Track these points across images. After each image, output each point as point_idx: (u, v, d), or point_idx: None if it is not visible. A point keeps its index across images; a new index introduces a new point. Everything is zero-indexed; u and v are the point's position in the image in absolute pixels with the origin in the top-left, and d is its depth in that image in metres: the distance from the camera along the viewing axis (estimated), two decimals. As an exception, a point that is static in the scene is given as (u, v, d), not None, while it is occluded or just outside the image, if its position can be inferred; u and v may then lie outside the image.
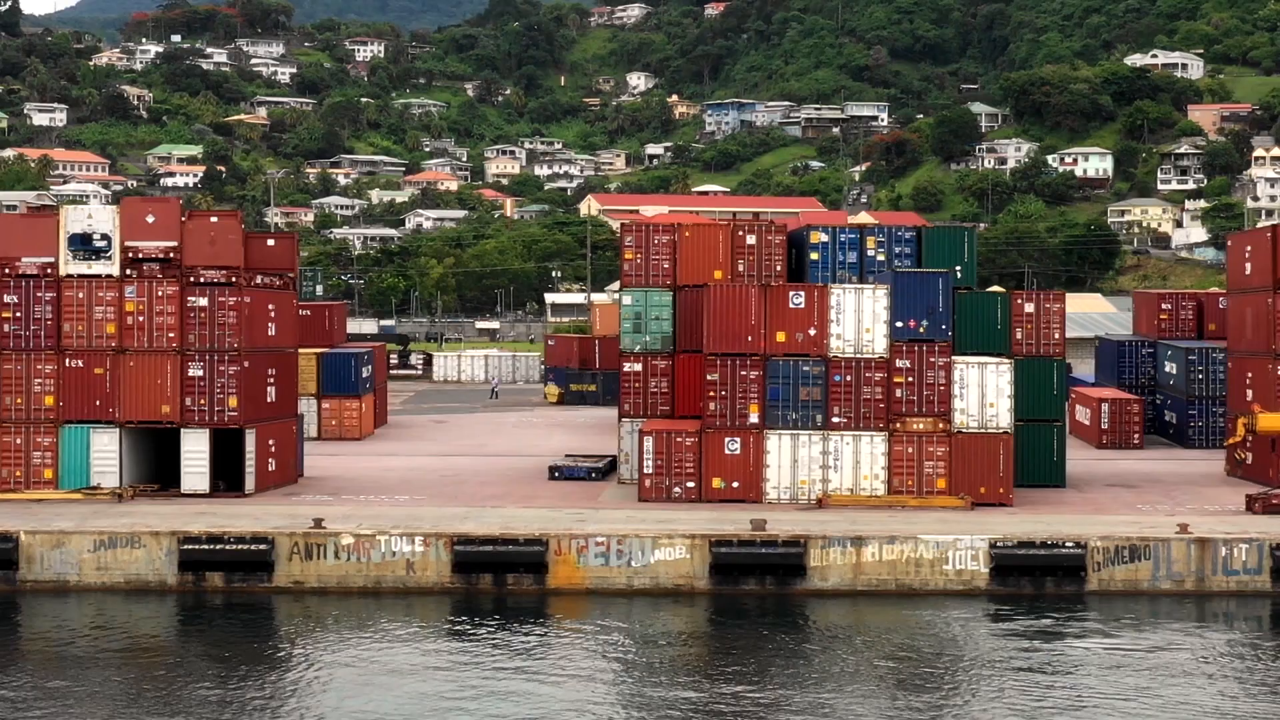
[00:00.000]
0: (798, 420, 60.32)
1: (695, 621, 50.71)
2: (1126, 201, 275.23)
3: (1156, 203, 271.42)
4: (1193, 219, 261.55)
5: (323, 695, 41.37)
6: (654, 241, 67.39)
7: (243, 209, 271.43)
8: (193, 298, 61.20)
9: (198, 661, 45.51)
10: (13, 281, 61.34)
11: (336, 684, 42.32)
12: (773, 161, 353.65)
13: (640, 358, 67.05)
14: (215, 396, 61.12)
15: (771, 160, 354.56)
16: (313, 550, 52.63)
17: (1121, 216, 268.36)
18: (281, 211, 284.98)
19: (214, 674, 43.79)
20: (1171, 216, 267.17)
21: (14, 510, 57.34)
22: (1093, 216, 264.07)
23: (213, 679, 43.23)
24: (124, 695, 41.60)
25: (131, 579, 52.61)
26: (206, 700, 40.92)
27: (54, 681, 42.95)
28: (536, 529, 53.49)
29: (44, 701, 40.85)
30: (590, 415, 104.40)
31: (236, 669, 44.29)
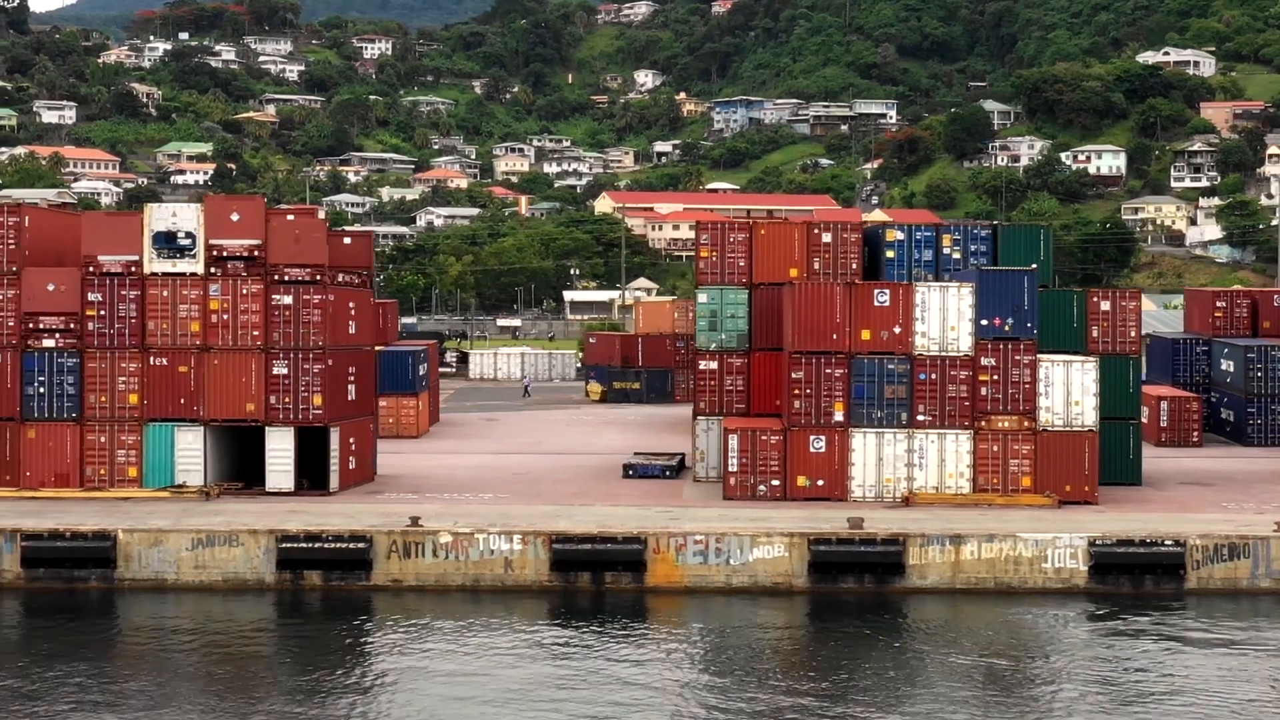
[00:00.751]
0: (883, 418, 60.38)
1: (794, 620, 50.81)
2: (1140, 199, 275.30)
3: (1170, 200, 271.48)
4: (1207, 216, 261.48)
5: (422, 693, 41.30)
6: (729, 240, 67.51)
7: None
8: (277, 296, 61.19)
9: (296, 660, 45.55)
10: (97, 280, 61.31)
11: (438, 682, 42.29)
12: (781, 159, 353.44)
13: (716, 355, 67.11)
14: (300, 395, 61.13)
15: (780, 158, 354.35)
16: (411, 549, 52.67)
17: (1135, 214, 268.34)
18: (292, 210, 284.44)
19: (313, 672, 43.86)
20: (1185, 214, 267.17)
21: (105, 508, 57.36)
22: (1106, 214, 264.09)
23: (311, 678, 43.33)
24: (224, 693, 41.68)
25: (229, 577, 52.64)
26: (305, 699, 40.96)
27: (154, 679, 43.00)
28: (634, 527, 53.56)
29: (145, 698, 40.85)
30: (639, 413, 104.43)
31: (336, 668, 44.40)
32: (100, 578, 52.78)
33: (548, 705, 40.30)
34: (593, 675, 43.17)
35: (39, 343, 61.35)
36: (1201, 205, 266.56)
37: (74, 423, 61.23)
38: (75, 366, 61.21)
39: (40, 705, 40.24)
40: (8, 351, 61.32)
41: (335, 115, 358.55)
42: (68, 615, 50.76)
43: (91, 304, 61.26)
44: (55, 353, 61.32)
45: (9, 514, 55.24)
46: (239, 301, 61.12)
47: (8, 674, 43.40)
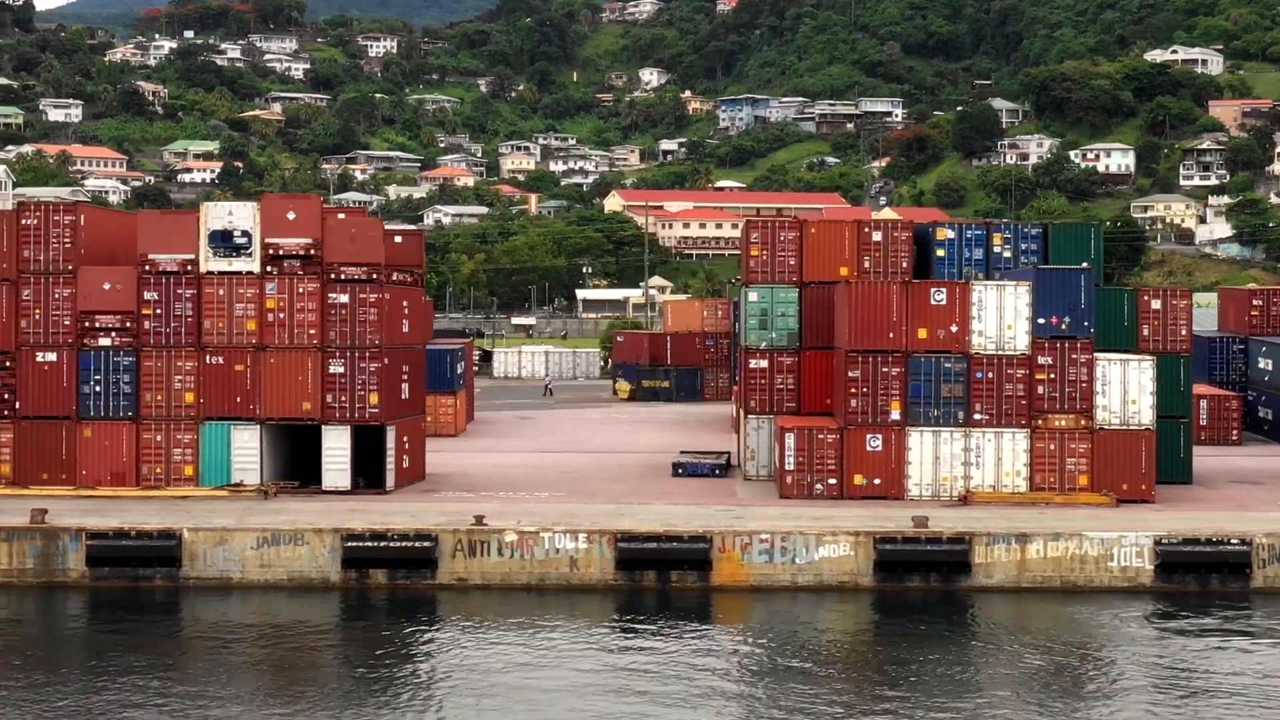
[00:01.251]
0: (939, 417, 60.42)
1: (860, 618, 50.84)
2: (1149, 197, 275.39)
3: (1179, 198, 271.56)
4: (1216, 215, 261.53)
5: (488, 692, 41.26)
6: (780, 238, 67.50)
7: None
8: (333, 294, 61.15)
9: (362, 659, 45.48)
10: (153, 278, 61.30)
11: (504, 681, 42.24)
12: (787, 157, 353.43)
13: (766, 354, 67.10)
14: (356, 393, 61.11)
15: (786, 156, 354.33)
16: (476, 547, 52.65)
17: (1145, 212, 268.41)
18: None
19: (379, 671, 43.85)
20: (1195, 212, 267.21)
21: (165, 507, 57.35)
22: (1116, 213, 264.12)
23: (378, 676, 43.32)
24: (291, 691, 41.68)
25: (294, 576, 52.61)
26: (371, 697, 40.98)
27: (220, 677, 43.00)
28: (699, 526, 53.55)
29: (210, 696, 40.84)
30: (671, 411, 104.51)
31: (403, 666, 44.43)
32: (165, 576, 52.75)
33: (614, 703, 40.22)
34: (658, 673, 43.15)
35: (95, 341, 61.35)
36: (1211, 203, 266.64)
37: (130, 421, 61.23)
38: (131, 365, 61.21)
39: (105, 702, 40.19)
40: (64, 350, 61.33)
41: (341, 113, 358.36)
42: (133, 614, 50.77)
43: (147, 303, 61.27)
44: (111, 351, 61.32)
45: (71, 512, 55.21)
46: (295, 300, 61.10)
47: (74, 672, 43.37)
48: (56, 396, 61.31)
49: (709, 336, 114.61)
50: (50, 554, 52.81)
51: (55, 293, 61.31)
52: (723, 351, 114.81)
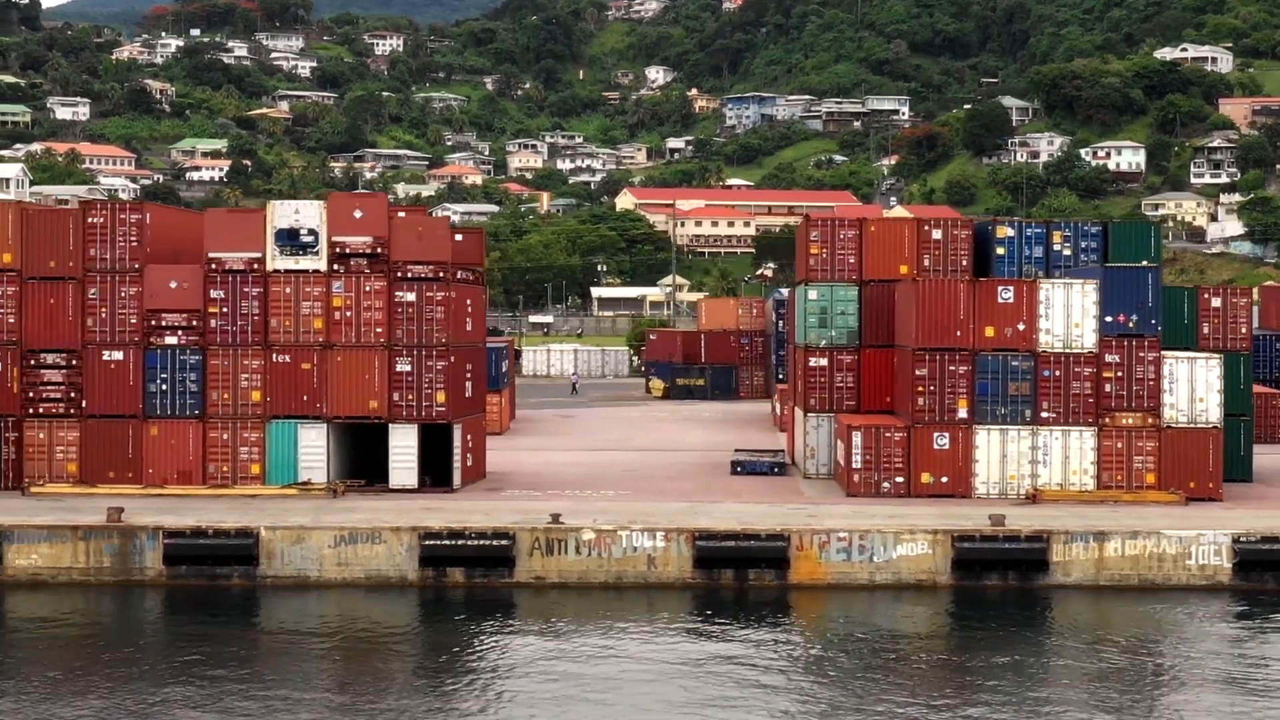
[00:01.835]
0: (1006, 415, 60.47)
1: (938, 616, 50.84)
2: (1160, 195, 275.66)
3: (1190, 197, 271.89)
4: (1228, 213, 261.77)
5: (567, 692, 41.24)
6: (839, 236, 67.52)
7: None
8: (400, 293, 61.14)
9: (442, 657, 45.46)
10: (219, 277, 61.29)
11: (585, 680, 42.23)
12: (794, 155, 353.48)
13: (825, 352, 67.12)
14: (423, 392, 61.10)
15: (793, 154, 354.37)
16: (554, 545, 52.67)
17: (1156, 210, 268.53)
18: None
19: (458, 669, 43.86)
20: (1206, 211, 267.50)
21: (236, 505, 57.36)
22: (1127, 210, 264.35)
23: (457, 674, 43.33)
24: (369, 689, 41.64)
25: (372, 575, 52.61)
26: (451, 695, 40.97)
27: (300, 675, 43.05)
28: (776, 524, 53.60)
29: (288, 695, 40.82)
30: (710, 409, 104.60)
31: (482, 664, 44.39)
32: (242, 575, 52.75)
33: (691, 702, 40.20)
34: (737, 672, 43.15)
35: (161, 340, 61.34)
36: (1222, 201, 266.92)
37: (196, 420, 61.20)
38: (198, 364, 61.21)
39: (184, 700, 40.20)
40: (130, 349, 61.33)
41: (348, 112, 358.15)
42: (211, 612, 50.72)
43: (214, 301, 61.27)
44: (178, 350, 61.32)
45: (144, 511, 55.19)
46: (361, 298, 61.10)
47: (152, 670, 43.40)
48: (123, 395, 61.30)
49: (744, 335, 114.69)
50: (127, 552, 52.81)
51: (121, 291, 61.29)
52: (758, 350, 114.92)
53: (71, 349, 61.44)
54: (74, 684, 41.61)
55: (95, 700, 40.08)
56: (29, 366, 61.47)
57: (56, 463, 61.32)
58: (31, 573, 52.78)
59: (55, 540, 52.89)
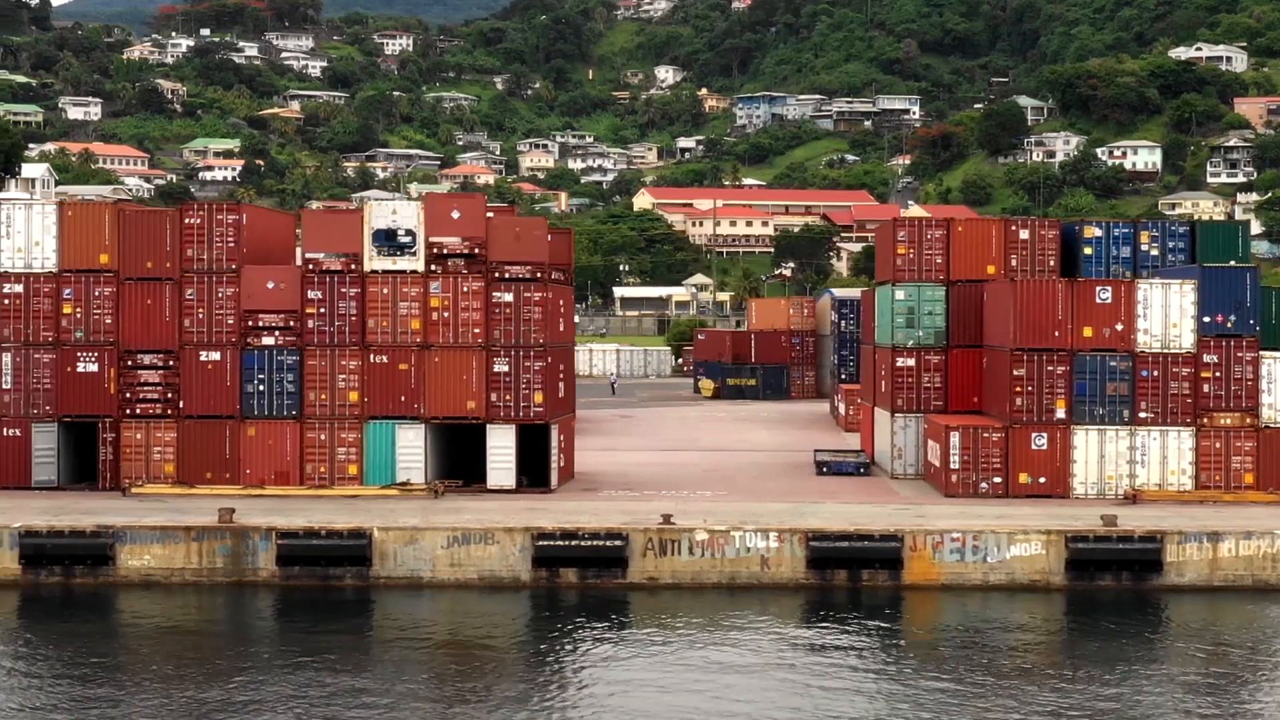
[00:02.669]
0: (1104, 415, 60.52)
1: (1053, 617, 50.84)
2: (1176, 195, 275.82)
3: (1207, 196, 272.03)
4: (1245, 212, 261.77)
5: (689, 689, 41.27)
6: (927, 236, 67.54)
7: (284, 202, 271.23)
8: (498, 293, 61.13)
9: (557, 658, 45.39)
10: (317, 278, 61.27)
11: (701, 681, 42.20)
12: (805, 155, 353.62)
13: (913, 353, 67.14)
14: (520, 392, 61.09)
15: (804, 154, 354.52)
16: (667, 546, 52.68)
17: (1173, 209, 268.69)
18: (325, 205, 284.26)
19: (574, 669, 43.76)
20: (1223, 210, 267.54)
21: (343, 506, 57.32)
22: (1143, 210, 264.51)
23: (572, 674, 43.25)
24: (492, 689, 41.68)
25: (485, 575, 52.60)
26: (567, 696, 41.00)
27: (415, 675, 42.96)
28: (889, 524, 53.63)
29: (405, 694, 40.87)
30: (768, 410, 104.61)
31: (597, 664, 44.22)
32: (355, 575, 52.73)
33: (808, 702, 40.21)
34: (853, 672, 43.24)
35: (258, 340, 61.32)
36: (1239, 201, 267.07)
37: (294, 421, 61.16)
38: (295, 364, 61.18)
39: (297, 699, 40.25)
40: (227, 350, 61.29)
41: (360, 111, 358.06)
42: (324, 613, 50.67)
43: (311, 302, 61.24)
44: (275, 350, 61.29)
45: (251, 511, 55.13)
46: (459, 299, 61.09)
47: (266, 670, 43.42)
48: (220, 396, 61.28)
49: (795, 335, 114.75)
50: (240, 553, 52.80)
51: (219, 292, 61.26)
52: (809, 350, 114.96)
53: (169, 350, 61.41)
54: (189, 683, 41.62)
55: (210, 698, 40.18)
56: (126, 367, 61.45)
57: (154, 463, 61.31)
58: (144, 573, 52.78)
59: (168, 541, 52.88)
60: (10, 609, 51.67)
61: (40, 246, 61.44)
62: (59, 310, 61.42)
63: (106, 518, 54.18)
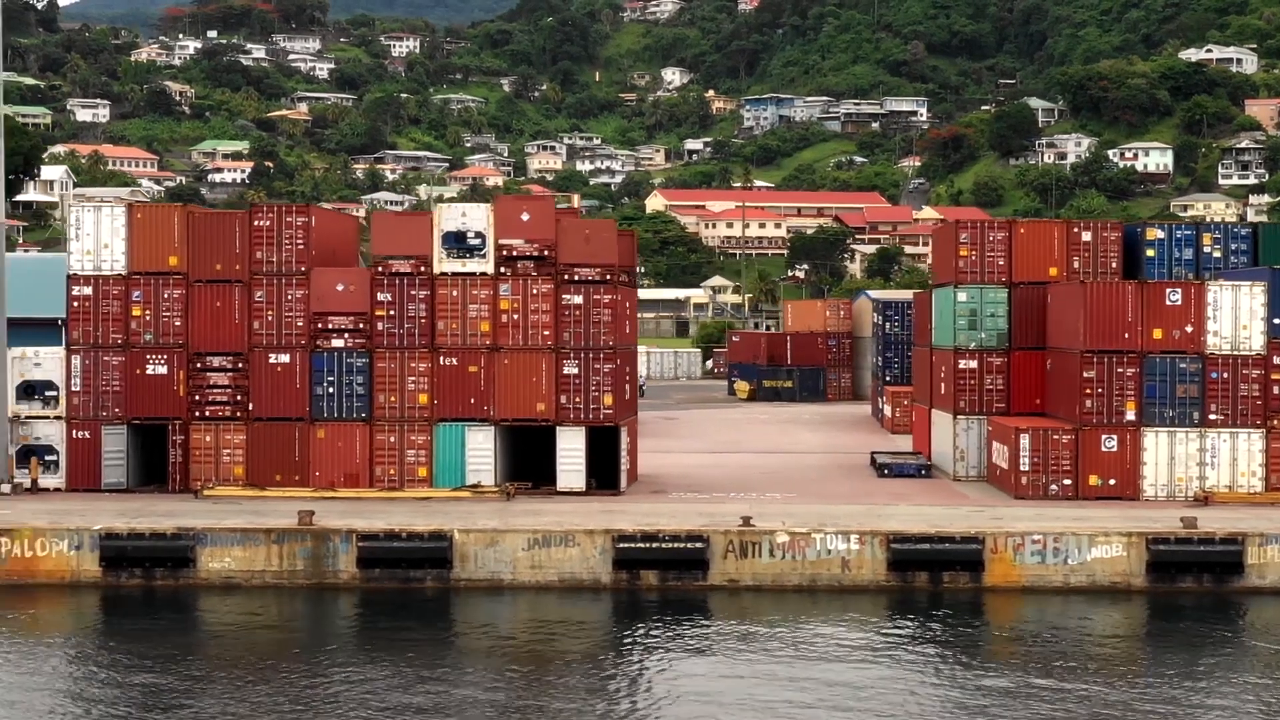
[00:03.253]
0: (1174, 417, 60.56)
1: (1134, 619, 50.88)
2: (1188, 196, 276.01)
3: (1219, 198, 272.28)
4: (1257, 214, 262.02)
5: (776, 691, 41.26)
6: (989, 239, 67.58)
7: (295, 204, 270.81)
8: (568, 295, 61.15)
9: (640, 660, 45.30)
10: (386, 280, 61.25)
11: (786, 682, 42.20)
12: (814, 157, 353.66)
13: (976, 354, 67.18)
14: (590, 394, 61.09)
15: (812, 155, 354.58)
16: (748, 548, 52.68)
17: (1185, 211, 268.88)
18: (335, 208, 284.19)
19: (656, 671, 43.63)
20: (1235, 211, 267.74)
21: (418, 509, 57.31)
22: (1155, 212, 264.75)
23: (657, 677, 43.09)
24: (575, 691, 41.67)
25: (565, 577, 52.57)
26: (650, 698, 40.93)
27: (497, 678, 42.95)
28: (969, 527, 53.64)
29: (486, 697, 40.83)
30: (810, 411, 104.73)
31: (679, 666, 44.07)
32: (436, 578, 52.69)
33: (894, 705, 40.24)
34: (938, 674, 43.22)
35: (328, 343, 61.32)
36: (1251, 202, 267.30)
37: (363, 423, 61.14)
38: (364, 367, 61.17)
39: (377, 700, 40.23)
40: (296, 352, 61.29)
41: (368, 113, 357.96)
42: (405, 615, 50.62)
43: (381, 304, 61.23)
44: (344, 353, 61.28)
45: (327, 514, 55.05)
46: (529, 301, 61.09)
47: (348, 671, 43.28)
48: (289, 398, 61.28)
49: (831, 336, 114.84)
50: (321, 555, 52.77)
51: (288, 294, 61.27)
52: (845, 352, 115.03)
53: (238, 352, 61.39)
54: (272, 685, 41.58)
55: (293, 699, 40.21)
56: (195, 370, 61.46)
57: (223, 465, 61.30)
58: (224, 575, 52.76)
59: (248, 543, 52.85)
60: (92, 610, 51.73)
61: (109, 249, 61.47)
62: (128, 313, 61.43)
63: (185, 520, 54.17)
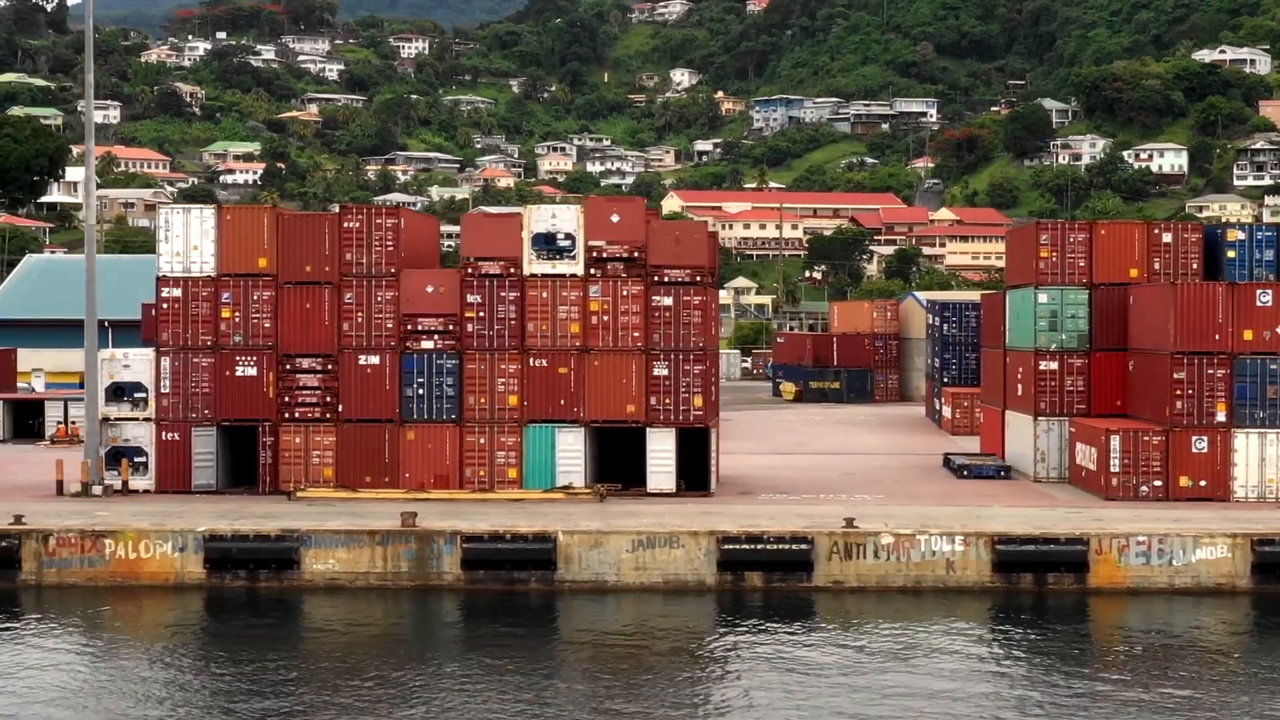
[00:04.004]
0: (1265, 418, 60.57)
1: (1239, 621, 50.79)
2: (1203, 197, 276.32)
3: (1234, 199, 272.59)
4: (1273, 214, 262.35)
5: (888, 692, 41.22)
6: (1069, 240, 67.56)
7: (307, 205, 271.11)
8: (657, 297, 61.13)
9: (747, 661, 45.12)
10: (476, 281, 61.21)
11: (902, 683, 42.12)
12: (824, 158, 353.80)
13: (1056, 356, 67.19)
14: (680, 395, 61.07)
15: (822, 156, 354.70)
16: (852, 550, 52.66)
17: (1200, 212, 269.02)
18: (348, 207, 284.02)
19: (763, 673, 43.41)
20: (1251, 212, 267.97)
21: (515, 510, 57.24)
22: (1170, 213, 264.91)
23: (764, 677, 42.87)
24: (682, 693, 41.62)
25: (670, 579, 52.52)
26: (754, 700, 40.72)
27: (605, 680, 42.85)
28: (1073, 528, 53.64)
29: (589, 698, 40.80)
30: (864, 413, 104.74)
31: (783, 666, 43.95)
32: (540, 579, 52.63)
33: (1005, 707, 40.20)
34: (1047, 676, 43.10)
35: (418, 344, 61.26)
36: (1267, 203, 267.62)
37: (453, 424, 61.09)
38: (454, 368, 61.11)
39: (479, 701, 40.20)
40: (386, 353, 61.23)
41: (378, 114, 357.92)
42: (510, 617, 50.51)
43: (470, 305, 61.16)
44: (434, 354, 61.22)
45: (425, 515, 54.96)
46: (619, 302, 61.05)
47: (454, 674, 43.24)
48: (379, 400, 61.22)
49: (878, 338, 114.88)
50: (425, 557, 52.69)
51: (377, 296, 61.22)
52: (892, 353, 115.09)
53: (327, 354, 61.33)
54: (379, 687, 41.46)
55: (404, 699, 40.21)
56: (285, 371, 61.38)
57: (313, 467, 61.24)
58: (328, 577, 52.68)
59: (352, 545, 52.77)
60: (196, 612, 51.59)
61: (199, 251, 61.42)
62: (217, 314, 61.39)
63: (287, 521, 54.10)
